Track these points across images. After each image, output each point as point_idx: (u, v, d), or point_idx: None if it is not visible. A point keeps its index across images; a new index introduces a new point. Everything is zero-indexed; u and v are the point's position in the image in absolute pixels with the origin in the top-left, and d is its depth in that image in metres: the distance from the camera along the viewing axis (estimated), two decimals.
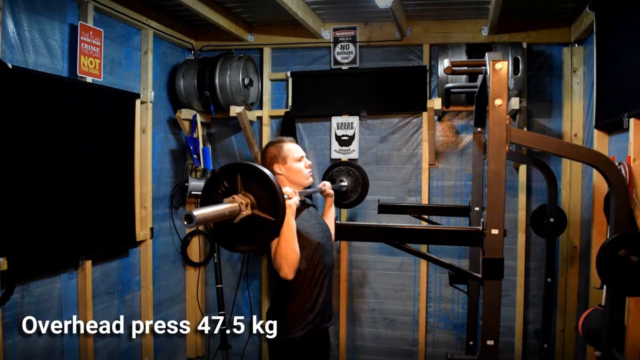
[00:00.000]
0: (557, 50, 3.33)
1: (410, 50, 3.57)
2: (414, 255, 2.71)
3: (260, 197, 1.50)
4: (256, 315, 3.84)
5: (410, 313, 3.61)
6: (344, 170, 3.11)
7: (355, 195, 3.08)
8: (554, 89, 3.35)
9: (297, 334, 2.15)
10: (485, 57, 1.73)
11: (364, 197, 3.11)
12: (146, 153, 3.27)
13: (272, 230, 1.52)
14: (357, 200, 3.09)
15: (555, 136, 3.31)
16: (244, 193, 1.51)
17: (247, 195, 1.51)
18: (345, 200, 3.07)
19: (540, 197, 3.35)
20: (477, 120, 2.54)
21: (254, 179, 1.51)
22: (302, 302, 2.16)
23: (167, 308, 3.61)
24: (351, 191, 3.08)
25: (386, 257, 3.64)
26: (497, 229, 1.44)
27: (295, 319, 2.16)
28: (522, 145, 1.75)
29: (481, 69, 2.14)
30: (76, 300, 2.74)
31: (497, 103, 1.46)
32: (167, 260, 3.63)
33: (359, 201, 3.10)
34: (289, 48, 3.74)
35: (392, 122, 3.63)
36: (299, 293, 2.16)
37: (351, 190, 3.08)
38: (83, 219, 2.71)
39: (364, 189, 3.09)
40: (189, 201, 3.79)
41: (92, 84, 2.75)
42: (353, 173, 3.09)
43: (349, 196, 3.08)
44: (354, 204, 3.11)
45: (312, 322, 2.18)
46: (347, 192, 3.07)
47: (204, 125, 3.84)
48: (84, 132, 2.72)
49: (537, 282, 3.34)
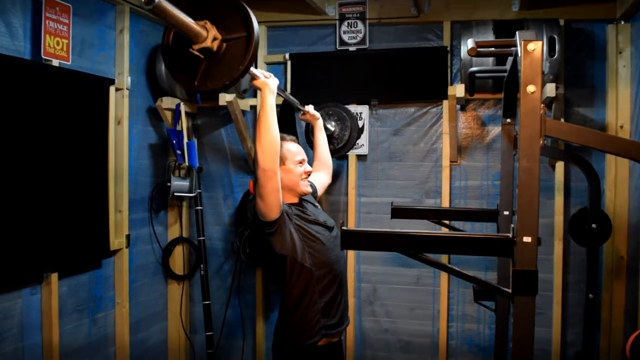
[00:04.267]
0: (599, 28, 3.31)
1: (428, 29, 3.56)
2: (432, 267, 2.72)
3: (228, 22, 1.80)
4: (250, 336, 3.84)
5: (429, 334, 3.61)
6: (333, 114, 3.20)
7: (340, 144, 3.19)
8: (597, 73, 3.33)
9: (310, 340, 2.27)
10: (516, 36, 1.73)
11: (350, 149, 3.25)
12: (122, 148, 3.28)
13: (246, 49, 1.78)
14: (342, 148, 3.21)
15: (597, 128, 3.30)
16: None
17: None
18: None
19: (580, 200, 3.34)
20: (507, 110, 2.54)
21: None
22: (312, 304, 2.28)
23: (145, 328, 3.62)
24: (337, 138, 3.20)
25: (400, 269, 3.64)
26: (529, 237, 1.44)
27: (307, 323, 2.28)
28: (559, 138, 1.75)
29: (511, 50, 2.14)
30: (40, 320, 2.75)
31: (529, 90, 1.46)
32: (145, 273, 3.64)
33: (343, 150, 3.24)
34: (287, 26, 3.74)
35: (407, 112, 3.63)
36: (308, 293, 2.28)
37: (337, 136, 3.20)
38: (48, 225, 2.72)
39: (350, 141, 3.22)
40: (171, 203, 3.81)
41: (58, 68, 2.75)
42: (343, 117, 3.19)
43: (332, 142, 3.19)
44: (337, 152, 3.22)
45: (326, 326, 2.31)
46: (330, 137, 3.16)
47: (189, 116, 3.84)
48: (48, 125, 2.72)
49: (577, 299, 3.33)
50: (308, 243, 2.30)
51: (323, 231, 2.39)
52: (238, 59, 1.82)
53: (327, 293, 2.34)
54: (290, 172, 2.40)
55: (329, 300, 2.35)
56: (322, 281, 2.32)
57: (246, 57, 1.81)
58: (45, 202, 2.71)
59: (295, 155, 2.43)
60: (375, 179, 3.68)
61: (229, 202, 3.91)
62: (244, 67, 1.82)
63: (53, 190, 2.76)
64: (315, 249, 2.32)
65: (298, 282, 2.28)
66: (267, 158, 2.14)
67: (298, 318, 2.31)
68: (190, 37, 1.76)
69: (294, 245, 2.27)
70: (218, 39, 1.81)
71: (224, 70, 1.84)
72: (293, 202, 2.44)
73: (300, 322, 2.31)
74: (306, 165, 2.47)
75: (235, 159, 3.90)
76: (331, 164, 2.83)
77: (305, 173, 2.45)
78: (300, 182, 2.43)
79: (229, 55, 1.84)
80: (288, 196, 2.41)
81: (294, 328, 2.32)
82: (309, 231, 2.33)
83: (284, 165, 2.38)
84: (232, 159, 3.90)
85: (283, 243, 2.27)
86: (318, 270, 2.31)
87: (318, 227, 2.38)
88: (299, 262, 2.28)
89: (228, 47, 1.83)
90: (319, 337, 2.31)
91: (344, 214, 3.71)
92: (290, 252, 2.27)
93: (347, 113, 3.20)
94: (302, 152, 2.50)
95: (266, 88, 2.16)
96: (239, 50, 1.82)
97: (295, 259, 2.27)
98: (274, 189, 2.17)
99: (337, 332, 2.40)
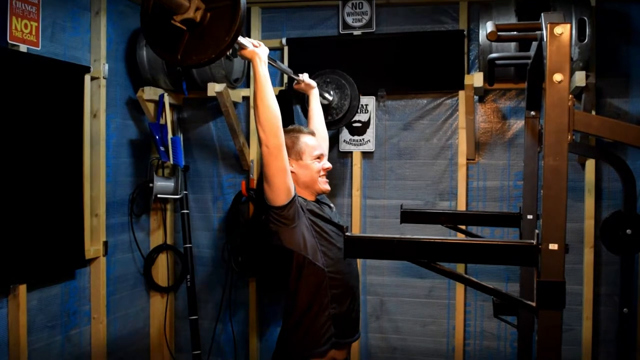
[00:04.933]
0: (636, 9, 3.31)
1: (442, 10, 3.56)
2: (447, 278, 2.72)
3: None
4: (242, 356, 3.84)
5: (443, 353, 3.61)
6: (331, 81, 3.23)
7: (339, 115, 3.21)
8: (632, 60, 3.33)
9: (319, 349, 2.31)
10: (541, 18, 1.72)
11: (350, 119, 3.30)
12: (98, 144, 3.28)
13: (231, 18, 1.81)
14: (341, 119, 3.24)
15: (633, 121, 3.30)
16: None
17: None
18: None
19: (614, 202, 3.34)
20: (530, 102, 2.54)
21: None
22: (323, 309, 2.33)
23: (125, 346, 3.62)
24: (335, 108, 3.23)
25: (411, 280, 3.64)
26: (556, 244, 1.44)
27: (316, 331, 2.31)
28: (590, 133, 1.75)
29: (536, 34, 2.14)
30: (7, 337, 2.75)
31: (556, 79, 1.46)
32: (125, 284, 3.65)
33: (343, 121, 3.27)
34: (284, 7, 3.75)
35: (419, 103, 3.63)
36: (318, 296, 2.32)
37: (336, 106, 3.23)
38: (15, 231, 2.72)
39: (351, 111, 3.25)
40: (154, 207, 3.81)
41: (27, 54, 2.75)
42: (342, 86, 3.22)
43: (331, 113, 3.21)
44: (336, 123, 3.26)
45: (336, 334, 2.35)
46: (328, 107, 3.18)
47: (174, 108, 3.84)
48: (15, 118, 2.72)
49: (610, 313, 3.33)
50: (321, 242, 2.34)
51: (337, 232, 2.42)
52: (224, 30, 1.85)
53: (341, 304, 2.37)
54: (308, 168, 2.44)
55: (344, 312, 2.38)
56: (335, 288, 2.35)
57: (232, 27, 1.84)
58: (12, 205, 2.71)
59: (313, 149, 2.46)
60: (383, 179, 3.68)
61: (218, 205, 3.91)
62: (231, 38, 1.84)
63: (20, 192, 2.75)
64: (329, 249, 2.35)
65: (307, 284, 2.31)
66: (268, 135, 2.19)
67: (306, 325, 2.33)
68: (171, 8, 1.79)
69: (304, 241, 2.29)
70: (201, 8, 1.84)
71: (210, 42, 1.86)
72: (310, 200, 2.47)
73: (308, 330, 2.32)
74: (325, 161, 2.52)
75: (226, 157, 3.90)
76: (327, 136, 2.86)
77: (324, 170, 2.49)
78: (318, 179, 2.47)
79: (214, 25, 1.86)
80: (305, 194, 2.45)
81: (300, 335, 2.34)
82: (323, 229, 2.36)
83: (301, 160, 2.43)
84: (222, 157, 3.91)
85: (292, 236, 2.28)
86: (331, 273, 2.34)
87: (332, 228, 2.41)
88: (309, 261, 2.29)
89: (212, 17, 1.86)
90: (328, 346, 2.33)
91: (347, 217, 3.71)
92: (299, 248, 2.28)
93: (346, 81, 3.20)
94: (321, 147, 2.56)
95: (256, 57, 2.20)
96: (224, 19, 1.85)
97: (305, 256, 2.29)
98: (280, 169, 2.21)
99: (347, 342, 2.44)
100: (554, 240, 1.44)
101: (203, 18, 1.85)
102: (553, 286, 1.44)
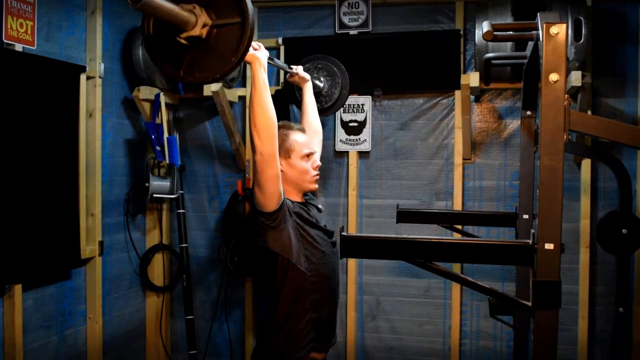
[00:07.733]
0: (632, 9, 3.32)
1: (439, 10, 3.57)
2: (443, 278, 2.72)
3: (219, 4, 1.78)
4: (238, 355, 3.84)
5: (440, 353, 3.61)
6: (322, 68, 3.19)
7: (329, 103, 3.17)
8: (628, 60, 3.34)
9: (299, 352, 2.29)
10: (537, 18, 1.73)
11: (339, 108, 3.23)
12: (94, 144, 3.27)
13: (240, 38, 1.76)
14: (330, 107, 3.19)
15: (629, 121, 3.30)
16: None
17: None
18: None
19: (610, 202, 3.35)
20: (527, 101, 2.54)
21: None
22: (303, 314, 2.30)
23: (121, 346, 3.61)
24: (325, 95, 3.18)
25: (407, 280, 3.64)
26: (552, 243, 1.44)
27: (296, 335, 2.29)
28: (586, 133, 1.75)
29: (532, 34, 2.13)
30: (2, 337, 2.74)
31: (552, 78, 1.47)
32: (121, 284, 3.64)
33: (332, 110, 3.21)
34: (280, 7, 3.74)
35: (415, 103, 3.63)
36: (300, 301, 2.29)
37: (326, 94, 3.18)
38: (10, 231, 2.71)
39: (341, 99, 3.19)
40: (150, 206, 3.80)
41: (22, 54, 2.74)
42: (333, 73, 3.17)
43: (320, 100, 3.15)
44: (325, 111, 3.20)
45: (315, 339, 2.33)
46: (318, 95, 3.13)
47: (170, 108, 3.84)
48: (11, 118, 2.71)
49: (606, 313, 3.34)
50: (305, 246, 2.30)
51: (323, 236, 2.39)
52: (230, 49, 1.79)
53: (322, 309, 2.35)
54: (296, 167, 2.39)
55: (324, 317, 2.36)
56: (316, 292, 2.33)
57: (240, 47, 1.77)
58: (7, 205, 2.70)
59: (302, 147, 2.41)
60: (379, 178, 3.68)
61: (215, 205, 3.91)
62: (237, 59, 1.78)
63: (16, 192, 2.75)
64: (313, 253, 2.32)
65: (289, 288, 2.27)
66: (264, 142, 2.13)
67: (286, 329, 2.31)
68: (178, 26, 1.74)
69: (290, 244, 2.26)
70: (208, 24, 1.78)
71: (214, 61, 1.80)
72: (297, 200, 2.42)
73: (289, 334, 2.30)
74: (314, 159, 2.47)
75: (222, 157, 3.89)
76: (321, 130, 2.81)
77: (314, 168, 2.44)
78: (307, 178, 2.43)
79: (220, 43, 1.80)
80: (292, 193, 2.41)
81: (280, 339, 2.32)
82: (309, 233, 2.32)
83: (289, 158, 2.38)
84: (218, 157, 3.90)
85: (278, 239, 2.24)
86: (313, 277, 2.31)
87: (318, 232, 2.38)
88: (293, 265, 2.26)
89: (219, 34, 1.80)
90: (307, 350, 2.32)
91: (343, 217, 3.71)
92: (284, 251, 2.25)
93: (338, 68, 3.18)
94: (311, 145, 2.50)
95: (256, 62, 2.14)
96: (231, 38, 1.79)
97: (289, 259, 2.26)
98: (273, 176, 2.16)
99: (326, 346, 2.43)
100: (549, 240, 1.44)
101: (209, 34, 1.79)
102: (549, 286, 1.44)
